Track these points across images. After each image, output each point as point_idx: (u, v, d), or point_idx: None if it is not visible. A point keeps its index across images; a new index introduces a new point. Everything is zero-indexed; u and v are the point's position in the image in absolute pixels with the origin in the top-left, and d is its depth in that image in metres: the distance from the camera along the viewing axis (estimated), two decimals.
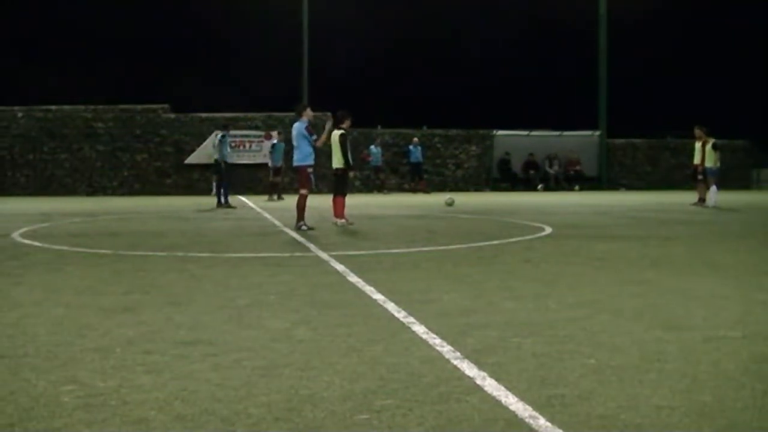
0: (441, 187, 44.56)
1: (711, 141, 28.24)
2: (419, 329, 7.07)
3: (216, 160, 28.41)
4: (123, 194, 41.45)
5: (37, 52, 50.48)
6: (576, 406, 4.91)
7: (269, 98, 45.68)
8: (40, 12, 51.12)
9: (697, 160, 28.72)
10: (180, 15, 53.52)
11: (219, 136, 28.71)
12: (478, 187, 46.16)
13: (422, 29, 54.69)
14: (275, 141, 35.97)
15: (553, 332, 7.01)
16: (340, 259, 12.27)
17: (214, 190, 40.30)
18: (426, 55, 55.20)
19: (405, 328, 7.18)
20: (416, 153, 43.38)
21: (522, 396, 5.07)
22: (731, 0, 53.83)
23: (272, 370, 5.76)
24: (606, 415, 4.76)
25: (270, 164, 35.78)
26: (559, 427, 4.53)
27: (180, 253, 13.50)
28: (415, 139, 43.92)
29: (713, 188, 27.50)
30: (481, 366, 5.78)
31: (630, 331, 7.07)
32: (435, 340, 6.62)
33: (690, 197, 29.88)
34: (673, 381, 5.47)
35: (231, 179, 28.75)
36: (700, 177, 28.37)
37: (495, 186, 46.66)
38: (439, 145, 46.33)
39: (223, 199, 28.09)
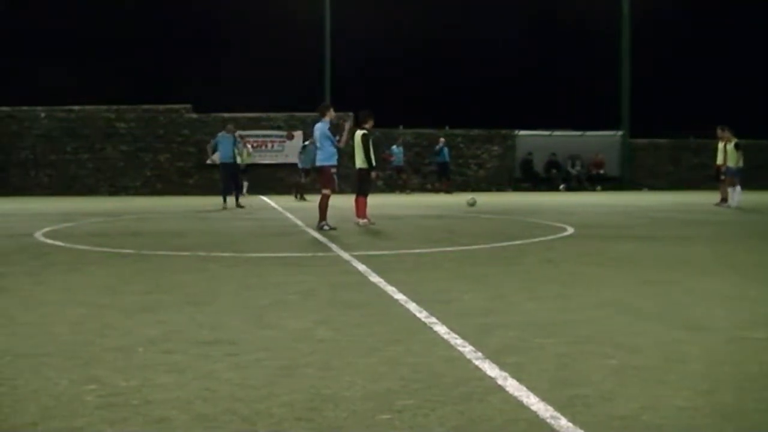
0: (463, 187, 44.59)
1: (733, 141, 28.16)
2: (441, 329, 7.07)
3: (234, 161, 27.96)
4: (145, 194, 41.64)
5: (58, 53, 50.58)
6: (597, 407, 4.90)
7: (291, 98, 45.72)
8: (61, 13, 51.25)
9: (719, 160, 28.67)
10: (202, 15, 53.60)
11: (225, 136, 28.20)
12: (500, 187, 46.17)
13: (444, 28, 54.61)
14: (307, 142, 35.93)
15: (575, 332, 7.00)
16: (362, 259, 12.28)
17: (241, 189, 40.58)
18: (447, 55, 55.09)
19: (426, 328, 7.18)
20: (444, 153, 43.37)
21: (543, 396, 5.06)
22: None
23: (293, 370, 5.77)
24: (627, 415, 4.74)
25: (299, 165, 35.68)
26: (581, 427, 4.51)
27: (201, 253, 13.54)
28: (442, 139, 43.89)
29: (737, 188, 27.43)
30: (502, 366, 5.77)
31: (651, 332, 7.05)
32: (456, 340, 6.61)
33: (713, 197, 29.77)
34: (695, 382, 5.45)
35: (226, 180, 28.14)
36: (722, 177, 28.31)
37: (517, 186, 46.65)
38: (461, 145, 46.37)
39: (223, 199, 27.89)
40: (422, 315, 7.72)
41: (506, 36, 52.65)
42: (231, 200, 28.08)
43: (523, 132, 47.47)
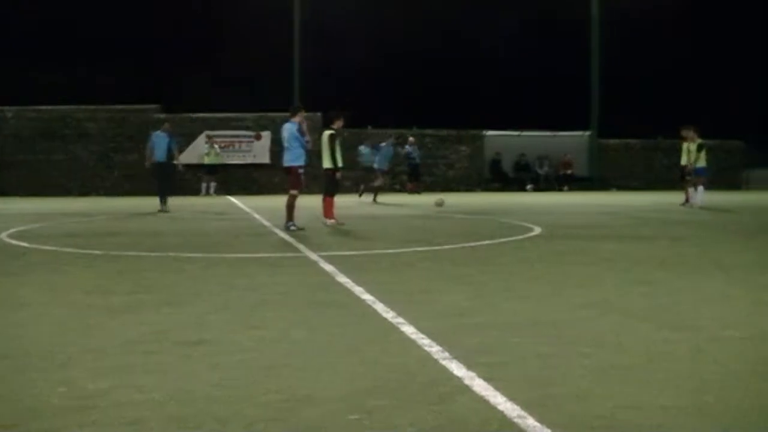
0: (433, 188, 44.52)
1: (697, 141, 28.38)
2: (408, 329, 7.12)
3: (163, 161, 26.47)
4: (115, 194, 41.40)
5: (27, 53, 50.34)
6: (570, 406, 4.96)
7: (261, 98, 45.61)
8: (29, 12, 51.01)
9: (684, 160, 28.87)
10: (172, 15, 53.43)
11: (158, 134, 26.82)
12: (469, 188, 46.16)
13: (414, 30, 54.61)
14: (383, 144, 35.56)
15: (551, 332, 7.07)
16: (330, 260, 12.30)
17: (204, 190, 40.45)
18: (418, 55, 55.12)
19: (394, 328, 7.24)
20: (414, 153, 43.17)
21: (512, 396, 5.13)
22: (724, 1, 53.86)
23: (268, 371, 5.83)
24: (603, 414, 4.79)
25: (376, 166, 34.97)
26: (548, 426, 4.58)
27: (173, 254, 13.55)
28: (411, 139, 43.70)
29: (700, 188, 27.68)
30: (470, 366, 5.84)
31: (633, 331, 7.14)
32: (424, 341, 6.67)
33: (682, 198, 29.85)
34: (677, 381, 5.55)
35: (164, 180, 26.81)
36: (687, 177, 28.52)
37: (486, 186, 46.64)
38: (430, 146, 46.28)
39: (160, 201, 26.40)
40: (390, 315, 7.78)
41: (476, 36, 52.73)
42: (170, 202, 26.84)
43: (490, 132, 47.47)
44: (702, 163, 28.23)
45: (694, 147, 28.34)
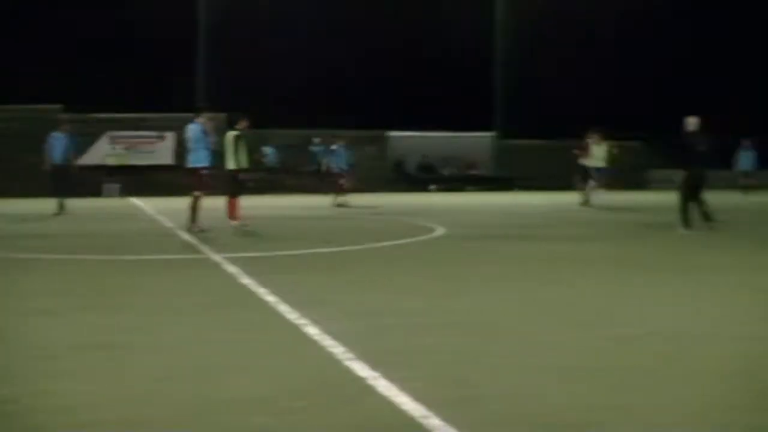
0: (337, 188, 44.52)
1: (601, 143, 28.78)
2: (312, 331, 7.13)
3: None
4: (16, 196, 40.77)
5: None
6: (476, 406, 5.02)
7: (165, 98, 45.16)
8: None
9: (588, 161, 29.19)
10: (81, 16, 52.71)
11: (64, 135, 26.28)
12: (374, 188, 46.23)
13: (320, 28, 54.48)
14: (334, 147, 35.23)
15: (454, 331, 7.13)
16: (233, 261, 12.21)
17: (106, 191, 39.99)
18: (322, 53, 54.97)
19: (298, 330, 7.23)
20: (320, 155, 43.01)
21: (417, 396, 5.15)
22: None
23: (170, 374, 5.81)
24: (509, 414, 4.86)
25: (335, 168, 34.56)
26: (453, 426, 4.61)
27: (77, 256, 13.38)
28: (318, 140, 43.55)
29: (595, 187, 28.14)
30: (375, 367, 5.86)
31: (540, 328, 7.24)
32: (328, 342, 6.68)
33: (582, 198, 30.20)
34: (592, 380, 5.64)
35: (60, 182, 26.01)
36: (581, 178, 28.94)
37: (390, 187, 46.77)
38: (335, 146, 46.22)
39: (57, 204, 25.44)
40: (294, 317, 7.77)
41: (385, 36, 52.77)
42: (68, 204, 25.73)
43: (393, 133, 47.68)
44: (604, 163, 28.64)
45: (599, 149, 28.72)
